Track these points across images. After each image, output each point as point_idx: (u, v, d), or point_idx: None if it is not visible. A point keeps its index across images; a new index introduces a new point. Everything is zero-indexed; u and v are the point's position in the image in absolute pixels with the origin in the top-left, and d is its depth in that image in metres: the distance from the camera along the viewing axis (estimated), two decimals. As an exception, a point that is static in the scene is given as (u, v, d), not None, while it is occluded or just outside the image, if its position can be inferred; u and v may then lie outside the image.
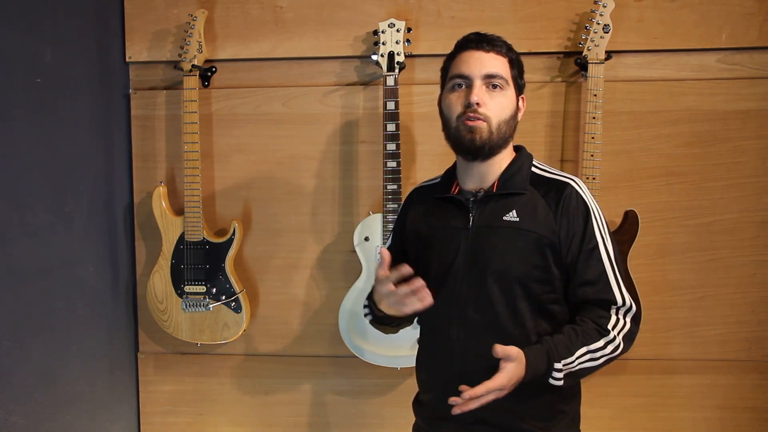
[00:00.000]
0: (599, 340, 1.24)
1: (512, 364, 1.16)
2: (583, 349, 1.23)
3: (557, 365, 1.20)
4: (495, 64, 1.30)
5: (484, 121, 1.28)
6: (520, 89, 1.36)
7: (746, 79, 2.05)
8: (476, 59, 1.30)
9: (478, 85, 1.29)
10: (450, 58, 1.37)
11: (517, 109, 1.36)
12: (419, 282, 1.21)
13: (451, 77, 1.34)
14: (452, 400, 1.16)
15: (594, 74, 1.95)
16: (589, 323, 1.26)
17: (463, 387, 1.15)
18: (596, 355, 1.24)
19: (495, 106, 1.29)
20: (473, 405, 1.16)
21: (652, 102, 2.08)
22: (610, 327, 1.25)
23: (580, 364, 1.23)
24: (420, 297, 1.22)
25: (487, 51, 1.30)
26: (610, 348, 1.24)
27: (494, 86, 1.29)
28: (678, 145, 2.09)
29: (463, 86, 1.31)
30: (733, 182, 2.09)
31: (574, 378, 1.24)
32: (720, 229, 2.10)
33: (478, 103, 1.27)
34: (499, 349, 1.16)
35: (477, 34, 1.34)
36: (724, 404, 2.16)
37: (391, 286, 1.24)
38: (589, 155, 1.95)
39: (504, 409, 1.30)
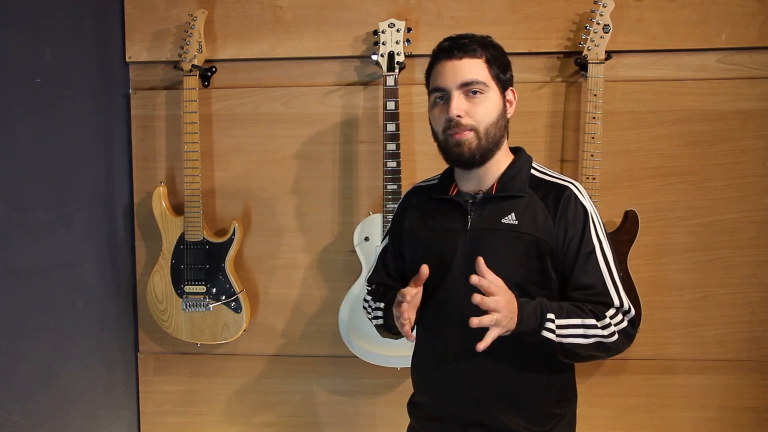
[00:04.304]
0: (593, 319, 1.24)
1: (503, 293, 1.15)
2: (578, 321, 1.22)
3: (549, 315, 1.19)
4: (470, 69, 1.26)
5: (471, 130, 1.27)
6: (505, 84, 1.32)
7: (746, 79, 2.05)
8: (450, 69, 1.27)
9: (457, 96, 1.26)
10: (428, 69, 1.34)
11: (505, 106, 1.32)
12: (406, 319, 1.24)
13: (431, 91, 1.32)
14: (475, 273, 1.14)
15: (594, 74, 1.95)
16: (585, 306, 1.26)
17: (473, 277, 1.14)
18: (589, 332, 1.22)
19: (478, 113, 1.27)
20: (482, 281, 1.13)
21: (652, 102, 2.08)
22: (607, 315, 1.25)
23: (572, 336, 1.21)
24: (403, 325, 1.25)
25: (460, 58, 1.27)
26: (604, 332, 1.23)
27: (474, 92, 1.27)
28: (678, 145, 2.09)
29: (443, 99, 1.29)
30: (733, 182, 2.09)
31: (565, 352, 1.23)
32: (720, 229, 2.10)
33: (459, 116, 1.26)
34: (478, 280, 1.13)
35: (449, 39, 1.31)
36: (724, 404, 2.16)
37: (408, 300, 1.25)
38: (589, 155, 1.95)
39: (499, 411, 1.31)
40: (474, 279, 1.14)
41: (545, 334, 1.20)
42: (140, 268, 2.30)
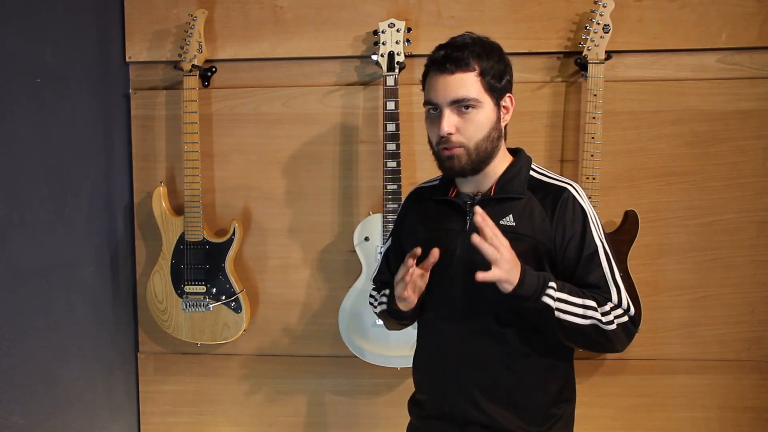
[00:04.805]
0: (593, 302, 1.24)
1: (509, 249, 1.18)
2: (578, 300, 1.23)
3: (551, 284, 1.20)
4: (462, 85, 1.25)
5: (461, 147, 1.27)
6: (500, 93, 1.30)
7: (746, 79, 2.05)
8: (442, 85, 1.26)
9: (447, 114, 1.26)
10: (423, 76, 1.34)
11: (499, 116, 1.31)
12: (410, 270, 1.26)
13: (425, 102, 1.32)
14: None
15: (594, 74, 1.95)
16: (587, 291, 1.26)
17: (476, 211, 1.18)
18: (587, 312, 1.22)
19: (469, 129, 1.26)
20: (484, 225, 1.17)
21: (652, 102, 2.08)
22: (608, 305, 1.25)
23: (570, 314, 1.21)
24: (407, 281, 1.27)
25: (452, 72, 1.25)
26: (603, 318, 1.23)
27: (466, 107, 1.26)
28: (678, 145, 2.09)
29: (437, 111, 1.29)
30: (733, 182, 2.09)
31: (564, 330, 1.22)
32: (720, 229, 2.10)
33: (450, 133, 1.26)
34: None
35: (444, 48, 1.29)
36: (724, 404, 2.16)
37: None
38: (589, 155, 1.95)
39: (497, 411, 1.31)
40: (475, 238, 1.15)
41: (545, 299, 1.20)
42: (140, 268, 2.30)
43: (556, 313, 1.20)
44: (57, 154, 1.91)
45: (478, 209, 1.18)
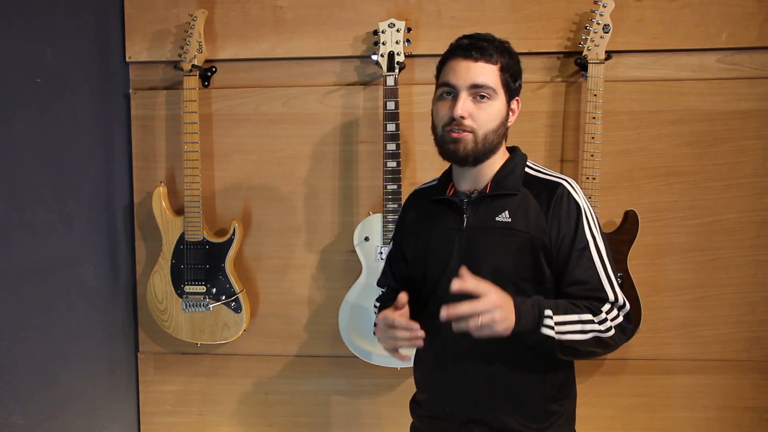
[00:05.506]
0: (589, 314, 1.24)
1: (494, 292, 1.15)
2: (574, 317, 1.22)
3: (547, 312, 1.19)
4: (483, 73, 1.28)
5: (470, 132, 1.28)
6: (512, 93, 1.33)
7: (746, 79, 2.05)
8: (464, 69, 1.28)
9: (464, 97, 1.27)
10: (442, 61, 1.35)
11: (508, 114, 1.34)
12: (417, 330, 1.24)
13: (439, 84, 1.33)
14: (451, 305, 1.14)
15: (594, 74, 1.95)
16: (579, 303, 1.26)
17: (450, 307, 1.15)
18: (586, 327, 1.22)
19: (481, 117, 1.28)
20: (466, 284, 1.15)
21: (652, 102, 2.08)
22: (602, 309, 1.25)
23: (570, 333, 1.21)
24: (413, 341, 1.25)
25: (476, 60, 1.28)
26: (601, 326, 1.23)
27: (481, 96, 1.28)
28: (678, 145, 2.09)
29: (451, 96, 1.30)
30: (733, 182, 2.09)
31: (564, 349, 1.22)
32: (720, 229, 2.10)
33: (462, 116, 1.27)
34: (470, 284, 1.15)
35: (469, 38, 1.31)
36: (724, 404, 2.16)
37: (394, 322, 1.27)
38: (589, 155, 1.95)
39: (497, 409, 1.32)
40: (455, 286, 1.14)
41: (544, 331, 1.19)
42: (140, 268, 2.30)
43: (557, 336, 1.20)
44: (57, 154, 1.91)
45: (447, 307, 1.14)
